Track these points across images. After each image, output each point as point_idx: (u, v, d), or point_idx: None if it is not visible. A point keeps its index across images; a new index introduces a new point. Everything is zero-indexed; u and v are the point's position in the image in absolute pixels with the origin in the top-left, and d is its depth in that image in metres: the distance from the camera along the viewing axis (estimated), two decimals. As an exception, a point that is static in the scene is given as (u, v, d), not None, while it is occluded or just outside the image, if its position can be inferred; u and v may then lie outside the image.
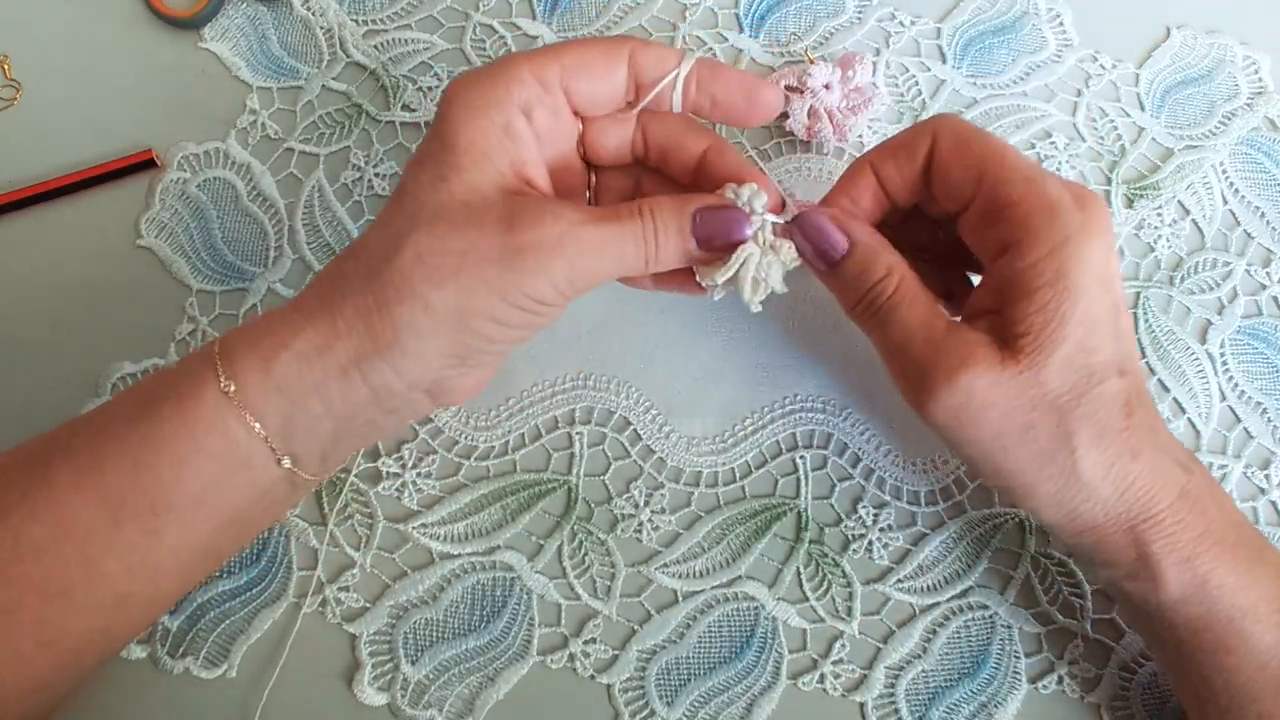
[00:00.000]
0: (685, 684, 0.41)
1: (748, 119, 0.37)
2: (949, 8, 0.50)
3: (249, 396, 0.33)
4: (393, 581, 0.42)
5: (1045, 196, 0.32)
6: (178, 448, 0.33)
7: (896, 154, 0.36)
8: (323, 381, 0.33)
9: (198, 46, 0.49)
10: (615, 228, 0.33)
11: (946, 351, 0.33)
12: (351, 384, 0.34)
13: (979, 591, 0.42)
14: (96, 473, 0.33)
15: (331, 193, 0.47)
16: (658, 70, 0.36)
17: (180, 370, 0.35)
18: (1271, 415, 0.45)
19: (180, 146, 0.47)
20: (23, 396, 0.44)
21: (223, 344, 0.34)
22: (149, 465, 0.33)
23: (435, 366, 0.34)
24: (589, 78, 0.35)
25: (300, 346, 0.33)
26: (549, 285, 0.32)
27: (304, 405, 0.34)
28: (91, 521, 0.33)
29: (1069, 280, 0.32)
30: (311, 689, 0.41)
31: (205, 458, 0.33)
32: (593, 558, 0.43)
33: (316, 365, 0.33)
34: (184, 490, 0.33)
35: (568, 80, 0.35)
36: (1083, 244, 0.32)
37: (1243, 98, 0.49)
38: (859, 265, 0.35)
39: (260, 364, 0.33)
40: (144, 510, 0.33)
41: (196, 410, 0.33)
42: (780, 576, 0.42)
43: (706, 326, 0.45)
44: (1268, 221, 0.47)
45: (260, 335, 0.34)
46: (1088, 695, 0.41)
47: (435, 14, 0.49)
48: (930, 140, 0.35)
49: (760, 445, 0.44)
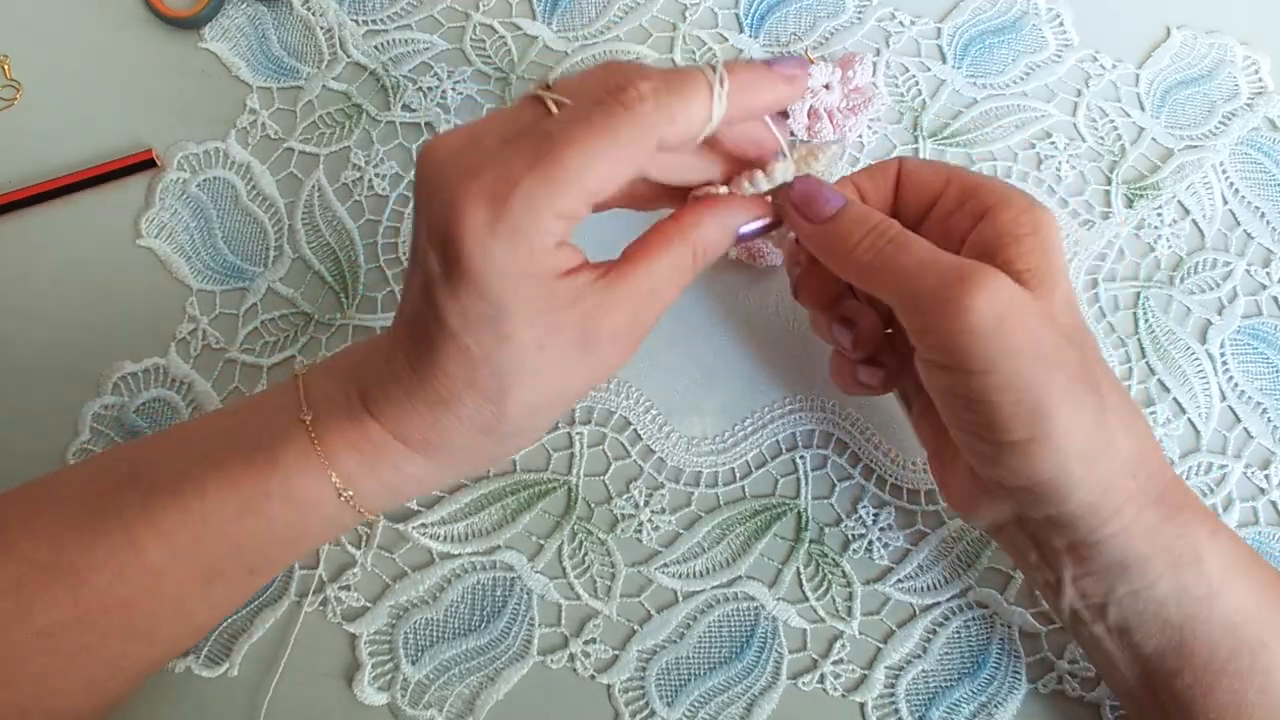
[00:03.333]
0: (685, 684, 0.41)
1: None
2: (949, 8, 0.50)
3: (359, 496, 0.34)
4: (393, 581, 0.42)
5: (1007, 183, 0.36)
6: (284, 531, 0.34)
7: (873, 173, 0.38)
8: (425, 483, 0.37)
9: (198, 46, 0.49)
10: (660, 297, 0.33)
11: (969, 267, 0.31)
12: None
13: (979, 591, 0.42)
14: (194, 551, 0.33)
15: (331, 192, 0.47)
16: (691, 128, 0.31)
17: (271, 433, 0.34)
18: (1271, 415, 0.45)
19: (180, 146, 0.47)
20: (23, 396, 0.44)
21: (319, 431, 0.34)
22: (250, 544, 0.34)
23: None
24: (612, 181, 0.30)
25: (411, 472, 0.35)
26: (620, 360, 0.34)
27: (407, 494, 0.37)
28: (185, 585, 0.34)
29: (1046, 234, 0.33)
30: (312, 688, 0.41)
31: (307, 533, 0.35)
32: (593, 558, 0.43)
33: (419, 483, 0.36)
34: (280, 555, 0.36)
35: (597, 192, 0.30)
36: (1043, 214, 0.34)
37: (1243, 98, 0.49)
38: (856, 214, 0.34)
39: (369, 469, 0.34)
40: (241, 575, 0.35)
41: (303, 493, 0.33)
42: (780, 576, 0.42)
43: (706, 326, 0.45)
44: (1268, 221, 0.47)
45: (365, 448, 0.34)
46: (1088, 695, 0.41)
47: (435, 14, 0.49)
48: (897, 162, 0.38)
49: (760, 445, 0.44)
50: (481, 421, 0.33)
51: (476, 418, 0.32)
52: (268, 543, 0.34)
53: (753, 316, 0.45)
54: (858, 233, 0.33)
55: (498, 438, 0.34)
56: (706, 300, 0.45)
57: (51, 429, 0.44)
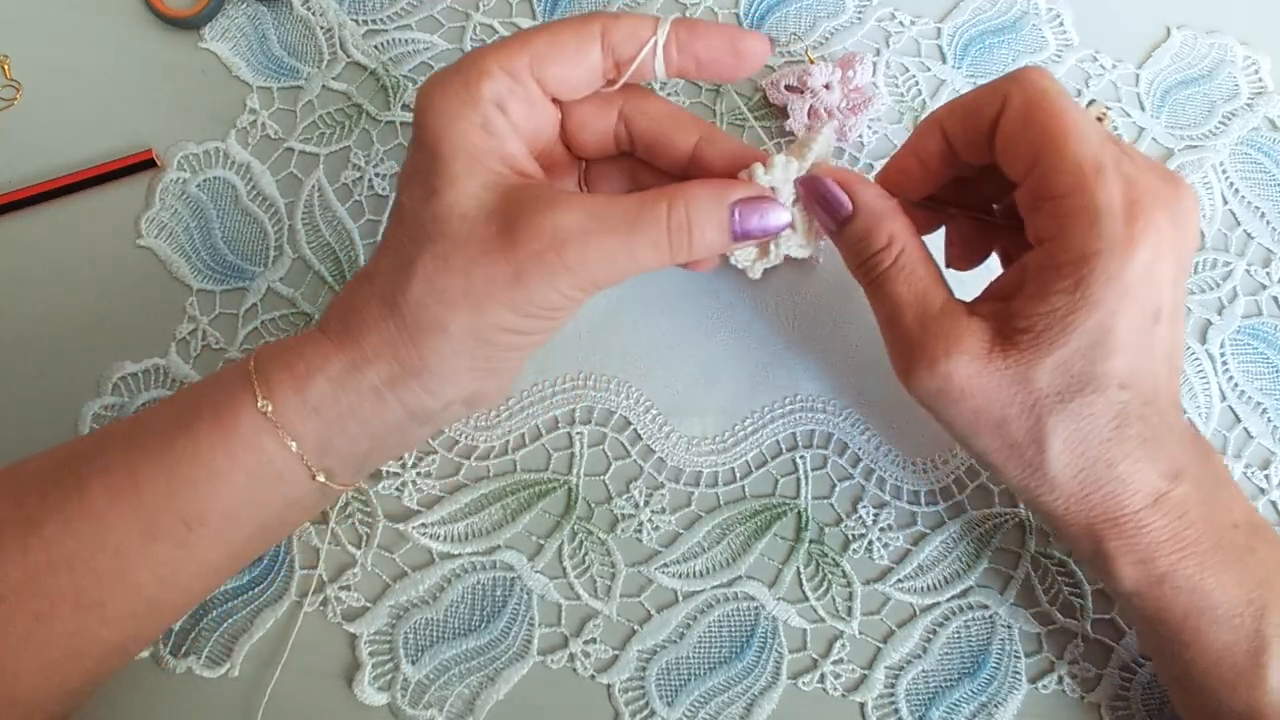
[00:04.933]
0: (685, 684, 0.41)
1: (735, 72, 0.35)
2: (949, 8, 0.50)
3: (286, 417, 0.34)
4: (393, 581, 0.42)
5: (1090, 200, 0.30)
6: (214, 464, 0.33)
7: (965, 116, 0.34)
8: (357, 404, 0.34)
9: (198, 46, 0.49)
10: (624, 235, 0.32)
11: (934, 333, 0.33)
12: (387, 406, 0.34)
13: (979, 591, 0.42)
14: (132, 490, 0.33)
15: (331, 192, 0.47)
16: (633, 42, 0.34)
17: (214, 387, 0.35)
18: (1271, 415, 0.45)
19: (180, 146, 0.47)
20: (23, 396, 0.44)
21: (257, 362, 0.34)
22: (185, 482, 0.33)
23: (466, 382, 0.34)
24: (561, 61, 0.33)
25: (332, 372, 0.34)
26: (557, 295, 0.32)
27: (340, 426, 0.34)
28: (126, 536, 0.33)
29: (1088, 291, 0.30)
30: (312, 689, 0.41)
31: (241, 474, 0.34)
32: (593, 558, 0.43)
33: (350, 388, 0.34)
34: (218, 505, 0.34)
35: (539, 67, 0.33)
36: (1114, 259, 0.30)
37: (1243, 98, 0.49)
38: (860, 231, 0.35)
39: (295, 386, 0.34)
40: (178, 526, 0.33)
41: (234, 428, 0.33)
42: (780, 576, 0.42)
43: (706, 326, 0.45)
44: (1268, 221, 0.47)
45: (293, 358, 0.34)
46: (1088, 695, 0.41)
47: (435, 14, 0.49)
48: (1000, 104, 0.33)
49: (760, 445, 0.44)
50: (386, 291, 0.33)
51: (384, 286, 0.33)
52: (202, 486, 0.33)
53: (753, 316, 0.45)
54: (855, 257, 0.35)
55: (400, 324, 0.33)
56: (706, 300, 0.45)
57: (52, 429, 0.44)
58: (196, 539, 0.34)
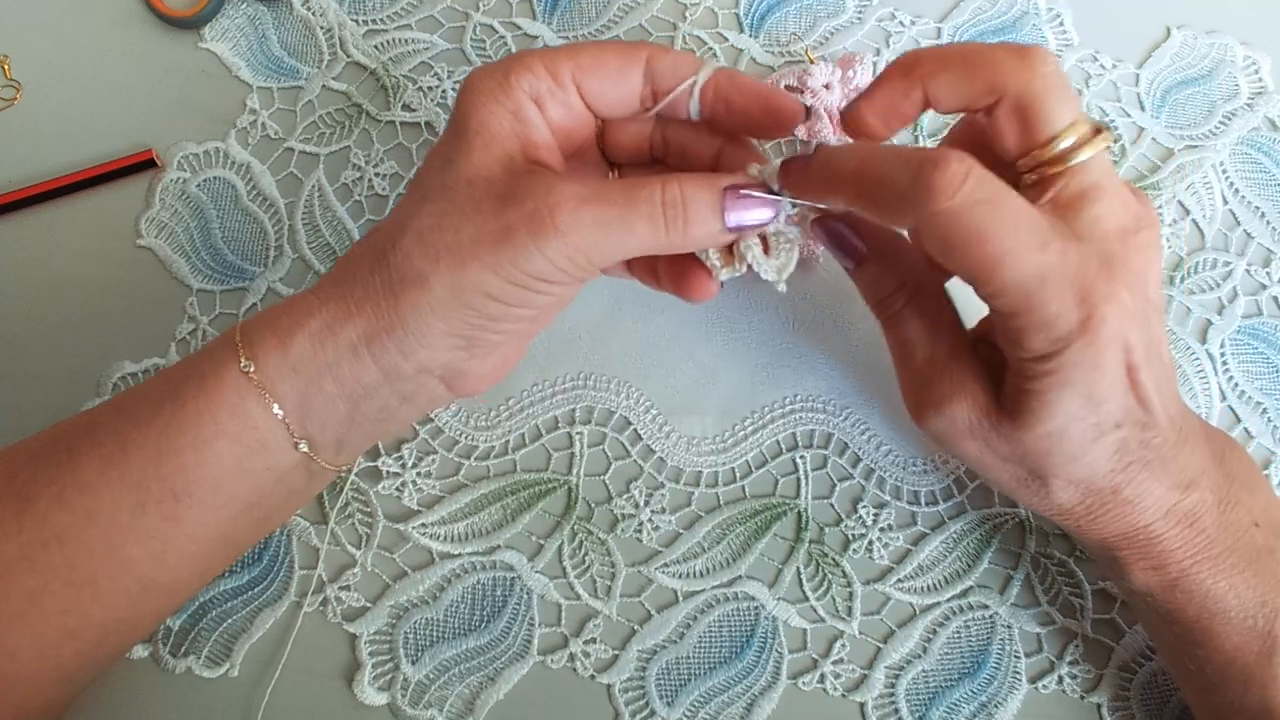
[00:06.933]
0: (685, 684, 0.41)
1: (766, 131, 0.36)
2: (949, 8, 0.50)
3: (267, 376, 0.34)
4: (393, 581, 0.42)
5: (1039, 316, 0.29)
6: (199, 430, 0.33)
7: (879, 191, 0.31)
8: (335, 361, 0.34)
9: (198, 46, 0.49)
10: (620, 206, 0.32)
11: (942, 377, 0.34)
12: (363, 364, 0.34)
13: (979, 591, 0.42)
14: (121, 459, 0.33)
15: (331, 192, 0.47)
16: (674, 77, 0.35)
17: (203, 355, 0.35)
18: (1271, 415, 0.45)
19: (180, 146, 0.47)
20: (23, 396, 0.44)
21: (244, 328, 0.35)
22: (171, 450, 0.33)
23: (441, 348, 0.34)
24: (602, 78, 0.35)
25: (314, 326, 0.34)
26: (544, 261, 0.32)
27: (319, 385, 0.34)
28: (116, 508, 0.33)
29: (1061, 377, 0.30)
30: (312, 689, 0.41)
31: (225, 440, 0.34)
32: (593, 558, 0.43)
33: (329, 344, 0.34)
34: (204, 474, 0.34)
35: (581, 78, 0.35)
36: (1078, 351, 0.30)
37: (1243, 98, 0.49)
38: (875, 273, 0.36)
39: (278, 344, 0.34)
40: (166, 496, 0.34)
41: (218, 392, 0.34)
42: (780, 576, 0.42)
43: (706, 326, 0.45)
44: (1268, 221, 0.47)
45: (278, 317, 0.35)
46: (1088, 695, 0.41)
47: (435, 14, 0.49)
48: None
49: (760, 445, 0.44)
50: (380, 244, 0.34)
51: (379, 240, 0.34)
52: (189, 454, 0.33)
53: (753, 316, 0.45)
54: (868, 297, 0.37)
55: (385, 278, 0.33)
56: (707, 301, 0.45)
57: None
58: (184, 511, 0.34)
